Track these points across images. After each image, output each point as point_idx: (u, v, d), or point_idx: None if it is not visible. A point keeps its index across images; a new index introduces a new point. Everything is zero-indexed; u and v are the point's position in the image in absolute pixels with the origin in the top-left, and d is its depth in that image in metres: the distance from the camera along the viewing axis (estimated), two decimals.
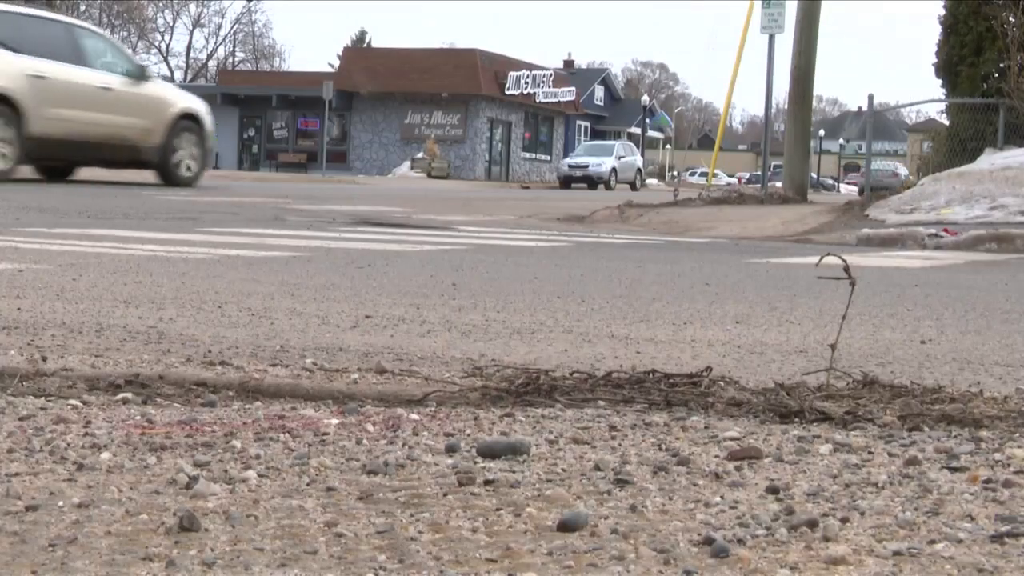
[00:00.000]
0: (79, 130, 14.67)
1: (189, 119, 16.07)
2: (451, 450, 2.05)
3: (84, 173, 15.74)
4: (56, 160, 15.29)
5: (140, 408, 2.42)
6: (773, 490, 1.81)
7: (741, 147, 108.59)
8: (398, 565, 1.47)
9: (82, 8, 73.64)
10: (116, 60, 15.83)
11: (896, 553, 1.52)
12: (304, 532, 1.59)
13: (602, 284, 5.24)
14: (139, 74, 15.87)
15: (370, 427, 2.24)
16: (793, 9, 18.91)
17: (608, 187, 39.98)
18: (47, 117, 14.18)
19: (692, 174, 72.40)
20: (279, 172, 50.07)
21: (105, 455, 1.98)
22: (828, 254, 2.76)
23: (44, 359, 2.84)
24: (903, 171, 46.05)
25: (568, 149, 54.44)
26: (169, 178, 15.87)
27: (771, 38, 20.46)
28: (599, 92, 69.77)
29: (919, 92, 32.90)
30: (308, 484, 1.84)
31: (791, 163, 18.75)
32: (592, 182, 41.35)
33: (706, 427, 2.27)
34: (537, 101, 52.93)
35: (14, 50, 13.96)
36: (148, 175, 15.94)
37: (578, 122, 60.71)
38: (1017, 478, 1.87)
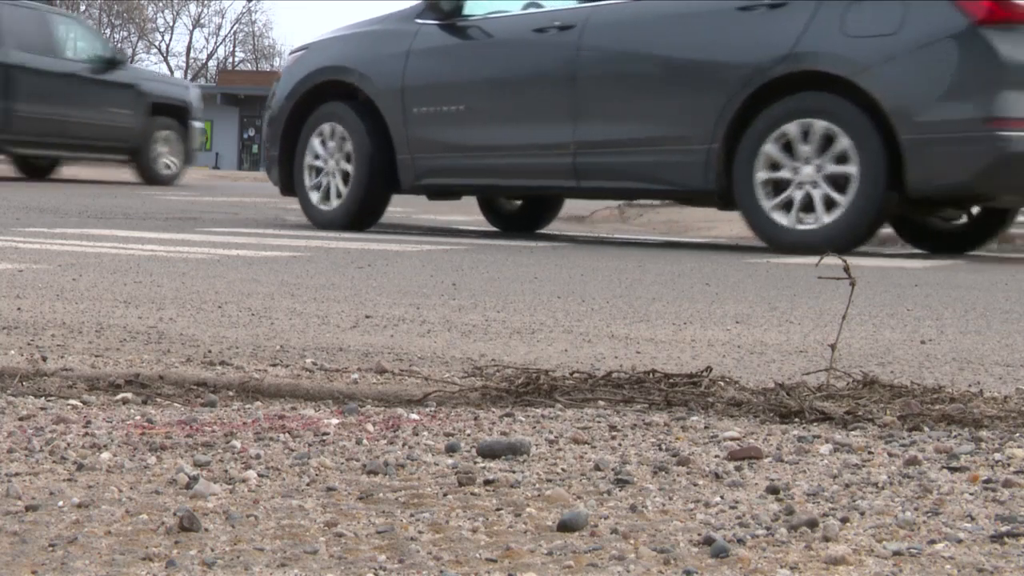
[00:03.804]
0: None
1: None
2: (451, 450, 2.05)
3: None
4: None
5: (140, 408, 2.42)
6: (773, 490, 1.81)
7: None
8: (398, 565, 1.47)
9: (82, 8, 73.67)
10: None
11: (896, 553, 1.52)
12: (304, 532, 1.60)
13: (602, 284, 5.25)
14: None
15: (370, 427, 2.24)
16: None
17: None
18: None
19: None
20: None
21: (105, 455, 1.98)
22: (828, 254, 2.76)
23: (44, 359, 2.84)
24: None
25: None
26: None
27: None
28: None
29: None
30: (308, 484, 1.84)
31: None
32: None
33: (706, 427, 2.27)
34: None
35: None
36: None
37: None
38: (1017, 478, 1.87)
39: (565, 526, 1.61)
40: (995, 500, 1.76)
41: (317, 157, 8.78)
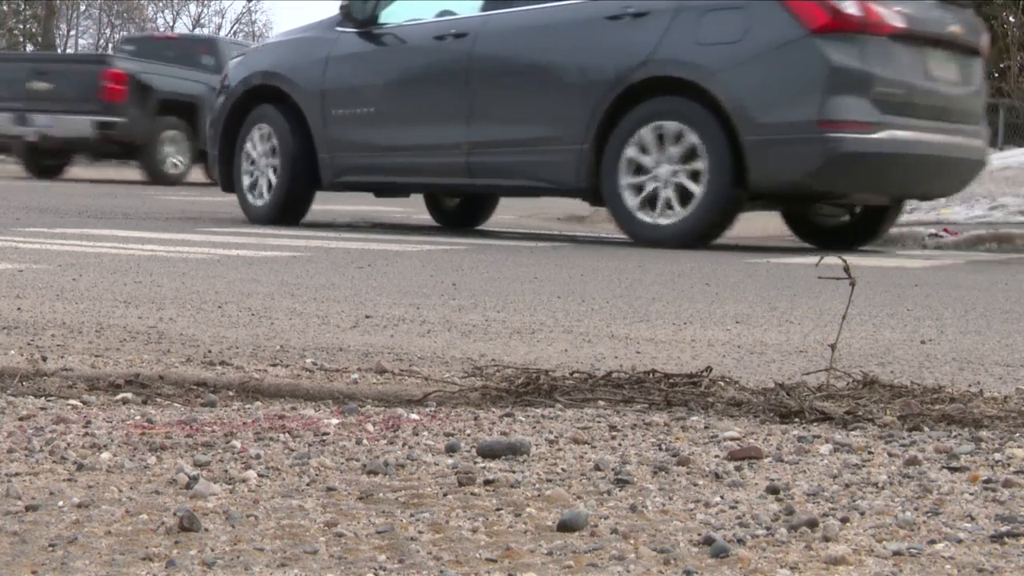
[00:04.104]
0: None
1: None
2: (451, 450, 2.05)
3: None
4: None
5: (140, 408, 2.42)
6: (773, 490, 1.81)
7: None
8: (398, 565, 1.47)
9: (82, 8, 73.57)
10: None
11: (896, 553, 1.52)
12: (304, 532, 1.60)
13: (602, 284, 5.25)
14: None
15: (370, 427, 2.24)
16: None
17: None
18: None
19: None
20: None
21: (105, 455, 1.98)
22: (828, 254, 2.77)
23: (44, 359, 2.84)
24: None
25: None
26: None
27: None
28: None
29: None
30: (308, 484, 1.84)
31: None
32: None
33: (706, 427, 2.27)
34: None
35: None
36: None
37: None
38: (1017, 478, 1.87)
39: (565, 526, 1.61)
40: (995, 500, 1.76)
41: (251, 157, 9.42)
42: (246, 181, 9.41)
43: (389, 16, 8.97)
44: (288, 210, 9.20)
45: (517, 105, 8.19)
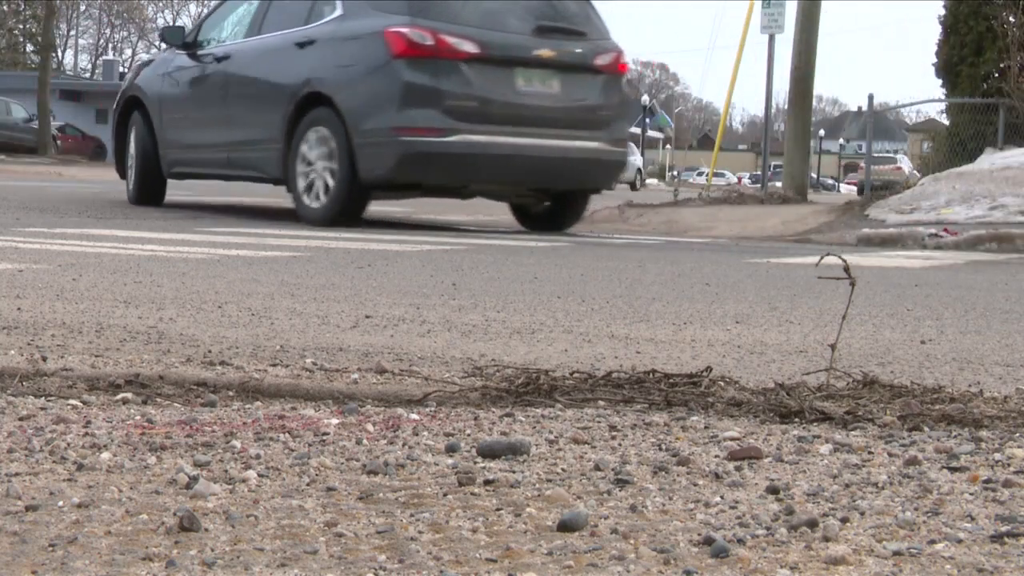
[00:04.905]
0: None
1: None
2: (451, 450, 2.05)
3: None
4: None
5: (140, 408, 2.42)
6: (773, 490, 1.81)
7: (741, 147, 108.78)
8: (398, 565, 1.47)
9: (82, 8, 73.54)
10: None
11: (896, 553, 1.52)
12: (304, 532, 1.60)
13: (602, 284, 5.25)
14: None
15: (370, 427, 2.24)
16: (793, 9, 18.91)
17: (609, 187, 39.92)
18: None
19: (700, 174, 71.77)
20: None
21: (105, 455, 1.98)
22: (828, 254, 2.76)
23: (44, 359, 2.84)
24: (907, 164, 45.29)
25: None
26: None
27: (771, 38, 20.47)
28: None
29: (919, 92, 32.88)
30: (308, 484, 1.84)
31: (791, 163, 18.74)
32: None
33: (706, 427, 2.27)
34: None
35: None
36: None
37: None
38: (1017, 478, 1.87)
39: (565, 526, 1.61)
40: (995, 500, 1.76)
41: (130, 151, 11.78)
42: (129, 171, 11.75)
43: (216, 38, 11.24)
44: (146, 195, 11.56)
45: (249, 113, 10.33)
